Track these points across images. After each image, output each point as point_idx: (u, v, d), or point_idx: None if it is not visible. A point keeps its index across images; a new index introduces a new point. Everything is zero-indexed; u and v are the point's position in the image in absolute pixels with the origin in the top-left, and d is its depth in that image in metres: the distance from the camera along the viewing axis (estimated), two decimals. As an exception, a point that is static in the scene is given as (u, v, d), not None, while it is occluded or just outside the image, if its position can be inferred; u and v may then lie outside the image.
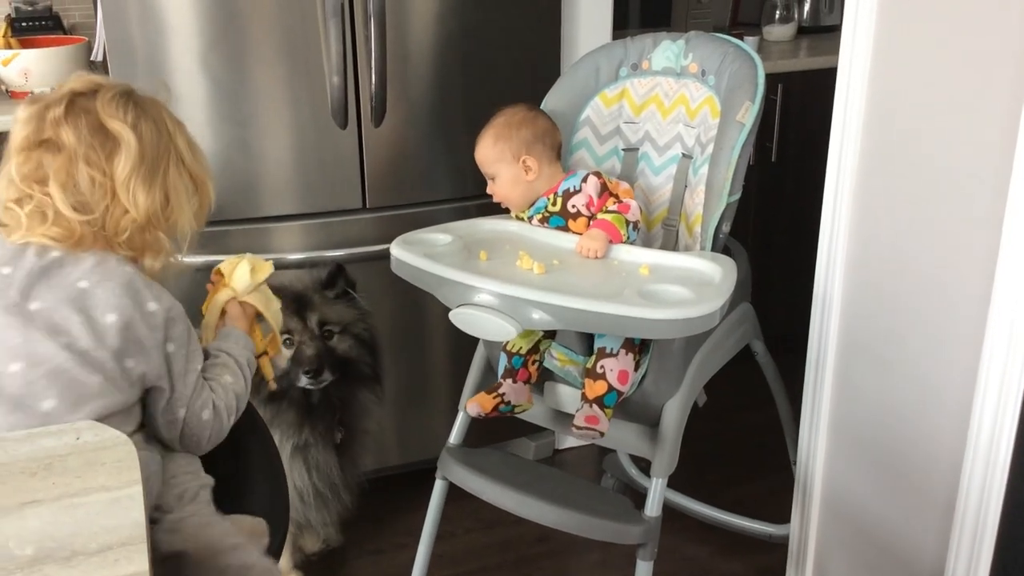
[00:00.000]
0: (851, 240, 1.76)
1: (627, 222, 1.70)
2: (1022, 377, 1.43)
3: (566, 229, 1.76)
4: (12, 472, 0.93)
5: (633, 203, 1.73)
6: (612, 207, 1.71)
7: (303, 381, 1.91)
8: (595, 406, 1.63)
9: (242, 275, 1.53)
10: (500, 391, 1.73)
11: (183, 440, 1.33)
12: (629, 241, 1.71)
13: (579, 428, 1.62)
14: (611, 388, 1.64)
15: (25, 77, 2.22)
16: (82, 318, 1.21)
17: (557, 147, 1.80)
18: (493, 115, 1.81)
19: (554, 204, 1.76)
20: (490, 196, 1.82)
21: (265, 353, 1.62)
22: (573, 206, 1.74)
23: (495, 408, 1.72)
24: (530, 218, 1.81)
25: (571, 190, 1.75)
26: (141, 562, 0.80)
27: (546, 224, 1.78)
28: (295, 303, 1.89)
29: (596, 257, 1.67)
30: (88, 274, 1.24)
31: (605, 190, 1.74)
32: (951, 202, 1.53)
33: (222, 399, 1.36)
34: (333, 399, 2.00)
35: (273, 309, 1.58)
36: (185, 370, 1.31)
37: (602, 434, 1.63)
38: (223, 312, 1.53)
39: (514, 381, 1.75)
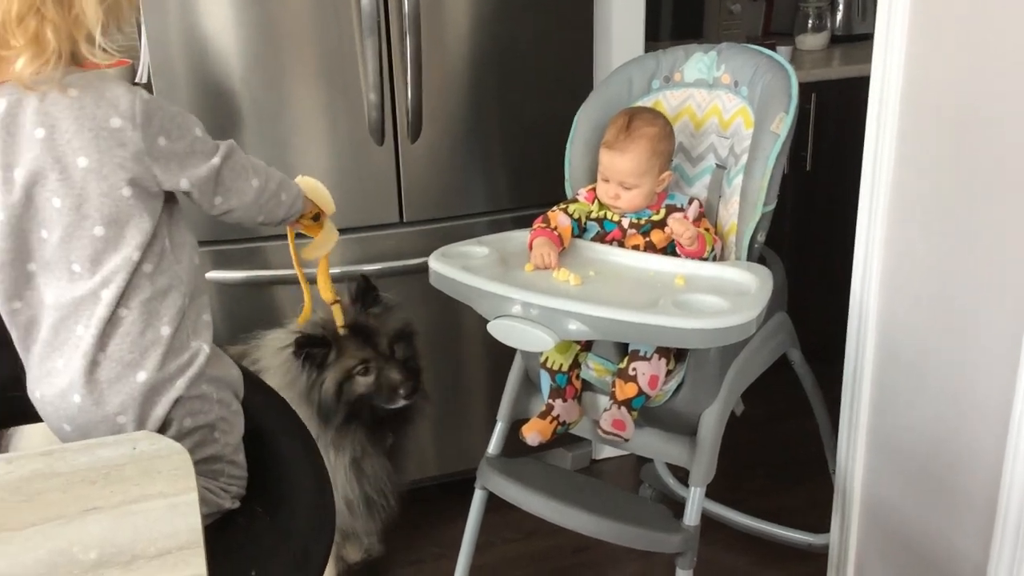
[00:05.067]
0: (887, 248, 1.76)
1: (712, 248, 1.73)
2: (1063, 383, 1.43)
3: (647, 235, 1.78)
4: (73, 481, 0.96)
5: (720, 241, 1.77)
6: (703, 230, 1.74)
7: (400, 403, 1.93)
8: (623, 408, 1.65)
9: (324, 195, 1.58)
10: (554, 413, 1.75)
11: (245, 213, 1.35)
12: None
13: (606, 433, 1.64)
14: (640, 392, 1.66)
15: (72, 100, 2.28)
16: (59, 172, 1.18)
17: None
18: (627, 117, 1.76)
19: (657, 213, 1.78)
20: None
21: (338, 301, 1.70)
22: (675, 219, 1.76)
23: (554, 432, 1.74)
24: (621, 218, 1.80)
25: (677, 206, 1.77)
26: (199, 565, 0.83)
27: (636, 231, 1.79)
28: (358, 334, 1.91)
29: (681, 233, 1.68)
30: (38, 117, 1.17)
31: (703, 217, 1.77)
32: (989, 211, 1.53)
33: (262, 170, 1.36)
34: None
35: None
36: (190, 150, 1.26)
37: (627, 440, 1.65)
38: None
39: (564, 400, 1.76)
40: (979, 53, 1.52)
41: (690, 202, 1.77)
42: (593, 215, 1.82)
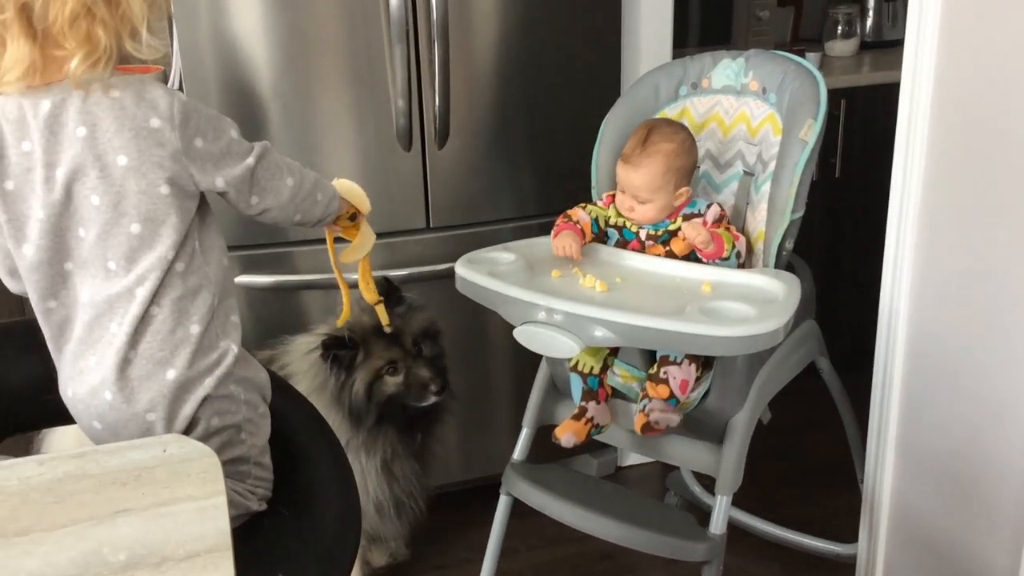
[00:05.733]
0: (917, 255, 1.74)
1: (735, 247, 1.71)
2: (1097, 394, 1.41)
3: (667, 244, 1.77)
4: (104, 483, 0.98)
5: (743, 239, 1.75)
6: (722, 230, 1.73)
7: (431, 400, 1.94)
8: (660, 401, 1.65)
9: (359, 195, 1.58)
10: (588, 415, 1.75)
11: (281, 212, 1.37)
12: (724, 263, 1.71)
13: (656, 412, 1.64)
14: (672, 395, 1.66)
15: (105, 106, 2.32)
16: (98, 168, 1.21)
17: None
18: (646, 131, 1.76)
19: (674, 223, 1.77)
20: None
21: (381, 301, 1.71)
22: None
23: (588, 434, 1.74)
24: (639, 228, 1.80)
25: (695, 213, 1.76)
26: (227, 568, 0.84)
27: (655, 242, 1.78)
28: (383, 334, 1.92)
29: (694, 237, 1.66)
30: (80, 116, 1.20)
31: (724, 219, 1.75)
32: (1020, 218, 1.51)
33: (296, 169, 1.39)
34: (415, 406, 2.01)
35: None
36: (226, 151, 1.29)
37: (671, 424, 1.65)
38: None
39: (597, 403, 1.76)
40: (1011, 59, 1.50)
41: (709, 206, 1.76)
42: (611, 221, 1.82)
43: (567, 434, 1.72)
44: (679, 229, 1.75)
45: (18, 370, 1.37)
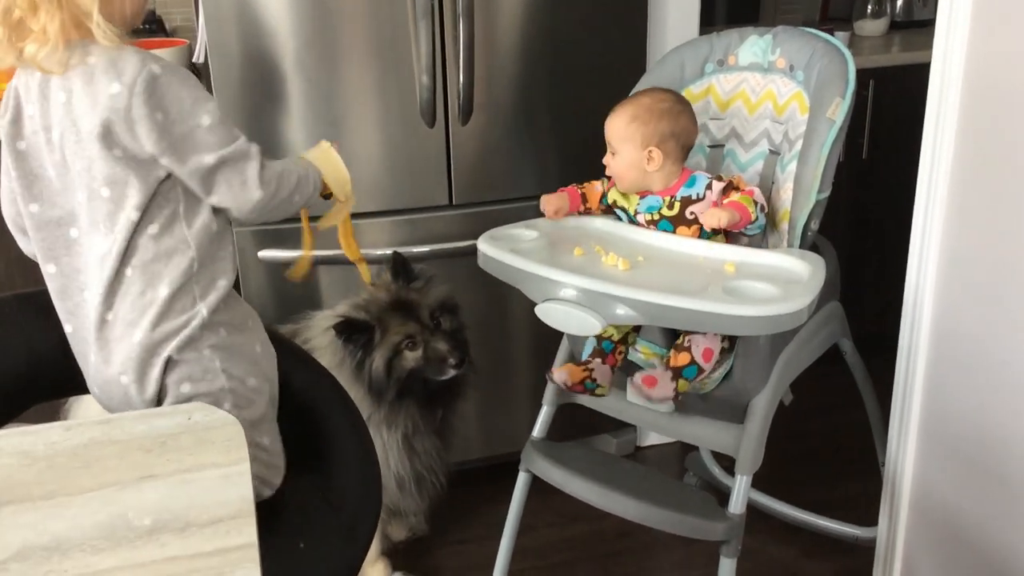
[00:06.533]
0: (944, 238, 1.72)
1: (755, 202, 1.66)
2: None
3: (671, 230, 1.76)
4: (130, 449, 0.99)
5: (756, 189, 1.70)
6: (735, 196, 1.68)
7: (450, 374, 1.93)
8: (668, 372, 1.64)
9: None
10: (589, 367, 1.74)
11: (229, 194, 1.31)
12: (758, 224, 1.68)
13: (635, 385, 1.63)
14: (693, 361, 1.65)
15: (131, 79, 2.33)
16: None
17: (689, 148, 1.77)
18: (641, 91, 1.78)
19: (670, 208, 1.74)
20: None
21: (362, 259, 1.67)
22: (691, 213, 1.72)
23: (581, 382, 1.73)
24: (637, 212, 1.80)
25: (693, 197, 1.72)
26: (250, 534, 0.85)
27: (653, 227, 1.77)
28: (400, 309, 1.92)
29: (719, 226, 1.64)
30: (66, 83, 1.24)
31: (729, 188, 1.70)
32: (1051, 199, 1.49)
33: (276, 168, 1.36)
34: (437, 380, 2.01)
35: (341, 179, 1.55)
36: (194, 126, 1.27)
37: (652, 400, 1.64)
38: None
39: (603, 362, 1.76)
40: (1046, 38, 1.48)
41: (709, 186, 1.71)
42: (617, 203, 1.82)
43: (561, 371, 1.72)
44: (680, 215, 1.73)
45: (43, 338, 1.39)
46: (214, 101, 1.30)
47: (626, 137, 1.72)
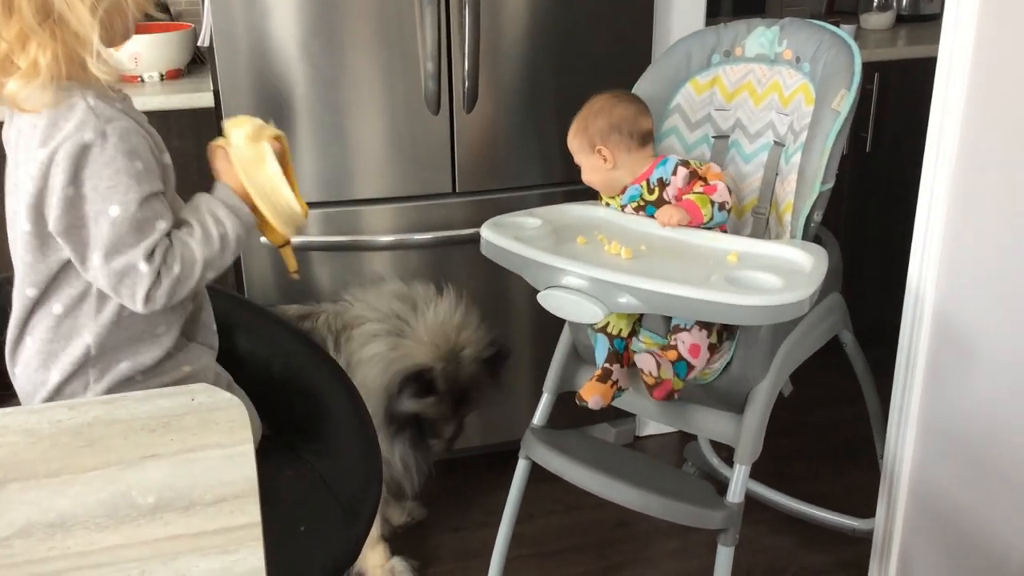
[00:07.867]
0: (946, 232, 1.72)
1: (712, 203, 1.69)
2: (1125, 374, 1.39)
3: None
4: (133, 428, 1.00)
5: (721, 184, 1.72)
6: (698, 189, 1.72)
7: (432, 444, 2.06)
8: (663, 364, 1.65)
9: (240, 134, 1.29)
10: (613, 378, 1.75)
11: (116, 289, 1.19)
12: (715, 222, 1.71)
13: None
14: (680, 357, 1.65)
15: (135, 61, 2.33)
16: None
17: (641, 133, 1.77)
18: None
19: (650, 192, 1.76)
20: (578, 182, 1.85)
21: (288, 243, 1.38)
22: (667, 195, 1.75)
23: (613, 397, 1.75)
24: (623, 207, 1.81)
25: (664, 180, 1.75)
26: (253, 513, 0.85)
27: (642, 213, 1.78)
28: (461, 399, 2.02)
29: (672, 225, 1.69)
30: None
31: (693, 178, 1.74)
32: (1054, 193, 1.49)
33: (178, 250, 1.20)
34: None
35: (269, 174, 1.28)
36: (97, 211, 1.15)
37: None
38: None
39: (621, 366, 1.77)
40: (1053, 33, 1.48)
41: (674, 171, 1.74)
42: (611, 206, 1.85)
43: (595, 396, 1.72)
44: (660, 199, 1.75)
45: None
46: (143, 193, 1.17)
47: (577, 148, 1.79)
